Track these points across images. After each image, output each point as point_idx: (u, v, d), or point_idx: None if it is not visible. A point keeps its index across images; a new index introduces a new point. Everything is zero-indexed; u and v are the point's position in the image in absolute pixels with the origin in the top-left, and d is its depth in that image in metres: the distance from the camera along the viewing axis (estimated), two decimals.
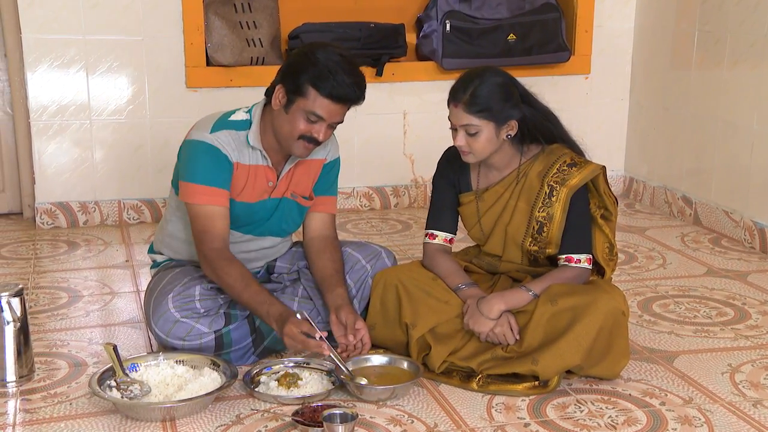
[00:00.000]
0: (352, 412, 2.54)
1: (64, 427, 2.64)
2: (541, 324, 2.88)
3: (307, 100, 2.86)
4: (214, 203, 2.95)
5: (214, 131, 2.98)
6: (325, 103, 2.86)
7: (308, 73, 2.84)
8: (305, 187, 3.15)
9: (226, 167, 2.97)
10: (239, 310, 3.01)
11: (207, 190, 2.94)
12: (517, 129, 2.94)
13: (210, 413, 2.71)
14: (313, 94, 2.85)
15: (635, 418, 2.70)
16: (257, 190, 3.05)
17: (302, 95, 2.86)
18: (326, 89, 2.84)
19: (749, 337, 3.30)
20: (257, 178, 3.03)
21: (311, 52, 2.88)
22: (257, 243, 3.18)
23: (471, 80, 2.91)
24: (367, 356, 2.98)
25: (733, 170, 4.50)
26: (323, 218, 3.23)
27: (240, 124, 3.01)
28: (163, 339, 2.95)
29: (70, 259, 4.22)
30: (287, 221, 3.18)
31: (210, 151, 2.95)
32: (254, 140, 3.00)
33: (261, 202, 3.07)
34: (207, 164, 2.95)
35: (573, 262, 3.01)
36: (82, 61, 4.58)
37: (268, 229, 3.15)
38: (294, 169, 3.10)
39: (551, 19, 4.95)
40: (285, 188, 3.10)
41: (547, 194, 2.99)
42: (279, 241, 3.24)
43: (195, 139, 2.99)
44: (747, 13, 4.33)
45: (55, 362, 3.08)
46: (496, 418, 2.70)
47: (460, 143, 2.94)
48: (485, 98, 2.88)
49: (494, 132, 2.91)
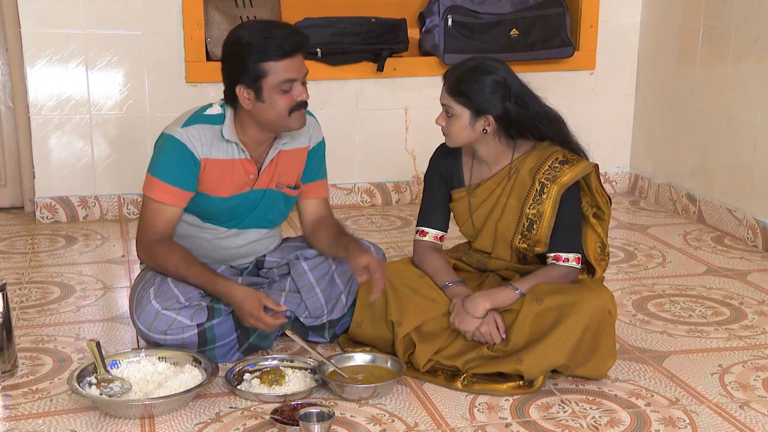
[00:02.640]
0: (329, 410, 2.52)
1: (43, 423, 2.63)
2: (527, 323, 2.85)
3: (269, 75, 2.85)
4: (168, 202, 2.96)
5: (187, 125, 2.97)
6: (284, 63, 2.85)
7: (250, 55, 2.84)
8: (290, 177, 3.14)
9: (191, 166, 2.96)
10: (223, 305, 2.99)
11: (165, 186, 2.95)
12: (493, 125, 2.91)
13: (190, 411, 2.69)
14: (270, 66, 2.85)
15: (619, 419, 2.66)
16: (236, 183, 3.03)
17: (263, 75, 2.85)
18: (276, 52, 2.83)
19: (743, 337, 3.25)
20: (234, 171, 3.01)
21: (235, 41, 2.89)
22: (244, 237, 3.16)
23: (465, 65, 2.92)
24: (350, 354, 2.96)
25: (736, 168, 4.44)
26: (316, 203, 3.25)
27: (215, 118, 3.00)
28: (145, 333, 2.93)
29: (67, 253, 4.22)
30: (273, 212, 3.17)
31: (177, 147, 2.94)
32: (229, 134, 2.98)
33: (242, 195, 3.06)
34: (171, 161, 2.95)
35: (561, 261, 2.97)
36: (82, 55, 4.57)
37: (253, 221, 3.14)
38: (277, 160, 3.08)
39: (555, 14, 4.90)
40: (269, 179, 3.08)
41: (537, 191, 2.96)
42: (266, 233, 3.22)
43: (166, 132, 3.00)
44: (752, 7, 4.27)
45: (39, 358, 3.07)
46: (478, 417, 2.67)
47: (441, 122, 2.96)
48: (468, 86, 2.87)
49: (469, 120, 2.89)
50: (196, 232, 3.12)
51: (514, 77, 2.93)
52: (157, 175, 2.97)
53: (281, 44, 2.83)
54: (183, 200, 2.98)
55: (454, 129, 2.92)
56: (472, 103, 2.88)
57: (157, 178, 2.96)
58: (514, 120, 2.91)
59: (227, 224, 3.10)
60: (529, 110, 2.93)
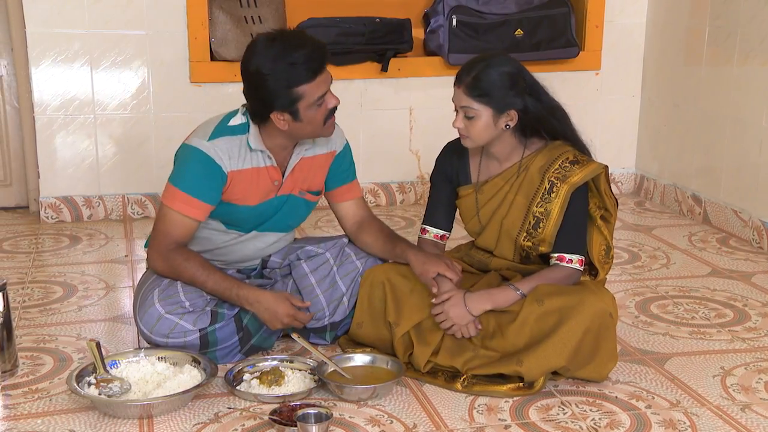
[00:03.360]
0: (327, 411, 2.51)
1: (41, 423, 2.63)
2: (528, 324, 2.83)
3: (306, 96, 2.84)
4: (189, 214, 2.93)
5: (213, 138, 2.94)
6: (316, 82, 2.84)
7: (280, 83, 2.82)
8: (313, 182, 3.14)
9: (217, 180, 2.94)
10: (227, 309, 2.98)
11: (188, 199, 2.92)
12: (517, 119, 2.90)
13: (189, 411, 2.69)
14: (304, 89, 2.84)
15: (619, 420, 2.65)
16: (261, 191, 3.03)
17: (299, 99, 2.84)
18: (306, 76, 2.82)
19: (746, 339, 3.23)
20: (260, 179, 3.01)
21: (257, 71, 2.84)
22: (263, 239, 3.16)
23: (477, 64, 2.89)
24: (350, 355, 2.96)
25: (742, 169, 4.42)
26: (354, 205, 3.26)
27: (239, 128, 2.98)
28: (147, 335, 2.93)
29: (71, 253, 4.23)
30: (293, 217, 3.18)
31: (204, 161, 2.92)
32: (255, 143, 2.97)
33: (268, 202, 3.06)
34: (197, 174, 2.93)
35: (564, 262, 2.95)
36: (86, 55, 4.57)
37: (273, 225, 3.14)
38: (299, 166, 3.07)
39: (560, 14, 4.89)
40: (292, 185, 3.08)
41: (546, 190, 2.94)
42: (283, 235, 3.22)
43: (192, 145, 2.96)
44: (758, 7, 4.25)
45: (40, 357, 3.07)
46: (477, 419, 2.67)
47: (459, 125, 2.92)
48: (487, 83, 2.84)
49: (492, 119, 2.87)
50: (216, 236, 3.10)
51: (525, 69, 2.93)
52: (181, 187, 2.93)
53: (309, 66, 2.83)
54: (204, 214, 2.96)
55: (476, 130, 2.89)
56: (494, 100, 2.85)
57: (180, 189, 2.93)
58: (532, 113, 2.90)
59: (249, 229, 3.10)
60: (542, 103, 2.93)
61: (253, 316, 3.03)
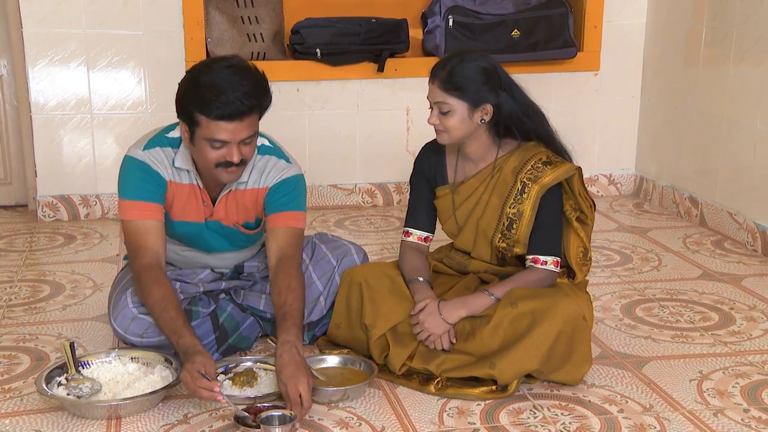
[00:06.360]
0: (291, 414, 2.51)
1: (9, 423, 2.64)
2: (501, 327, 2.82)
3: (202, 128, 2.70)
4: (146, 217, 2.88)
5: (147, 148, 2.91)
6: (220, 125, 2.68)
7: (193, 101, 2.68)
8: (244, 216, 3.02)
9: (158, 183, 2.89)
10: (201, 307, 2.99)
11: (138, 204, 2.88)
12: (491, 114, 2.89)
13: (158, 412, 2.69)
14: (204, 121, 2.68)
15: (589, 425, 2.63)
16: (194, 210, 2.97)
17: (197, 125, 2.70)
18: (213, 112, 2.65)
19: (728, 343, 3.20)
20: (195, 197, 2.95)
21: (194, 77, 2.72)
22: (218, 257, 3.13)
23: (451, 59, 2.90)
24: (322, 357, 2.96)
25: (737, 171, 4.38)
26: (279, 235, 2.95)
27: (176, 141, 2.92)
28: (121, 335, 2.93)
29: (63, 252, 4.25)
30: (237, 242, 3.10)
31: (142, 167, 2.88)
32: (181, 161, 2.89)
33: (204, 224, 2.99)
34: (138, 180, 2.88)
35: (539, 264, 2.94)
36: (83, 55, 4.59)
37: (221, 247, 3.09)
38: (230, 198, 2.97)
39: (557, 15, 4.86)
40: (224, 215, 2.99)
41: (519, 190, 2.93)
42: (242, 251, 3.16)
43: (129, 155, 2.93)
44: (753, 7, 4.21)
45: (17, 357, 3.09)
46: (447, 422, 2.65)
47: (434, 121, 2.93)
48: (461, 78, 2.85)
49: (467, 113, 2.87)
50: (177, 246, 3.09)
51: (500, 67, 2.93)
52: (127, 196, 2.89)
53: (221, 107, 2.65)
54: (158, 213, 2.90)
55: (451, 124, 2.89)
56: (468, 95, 2.85)
57: (128, 199, 2.89)
58: (506, 110, 2.89)
59: (200, 248, 3.07)
60: (516, 100, 2.92)
61: (229, 315, 3.03)
